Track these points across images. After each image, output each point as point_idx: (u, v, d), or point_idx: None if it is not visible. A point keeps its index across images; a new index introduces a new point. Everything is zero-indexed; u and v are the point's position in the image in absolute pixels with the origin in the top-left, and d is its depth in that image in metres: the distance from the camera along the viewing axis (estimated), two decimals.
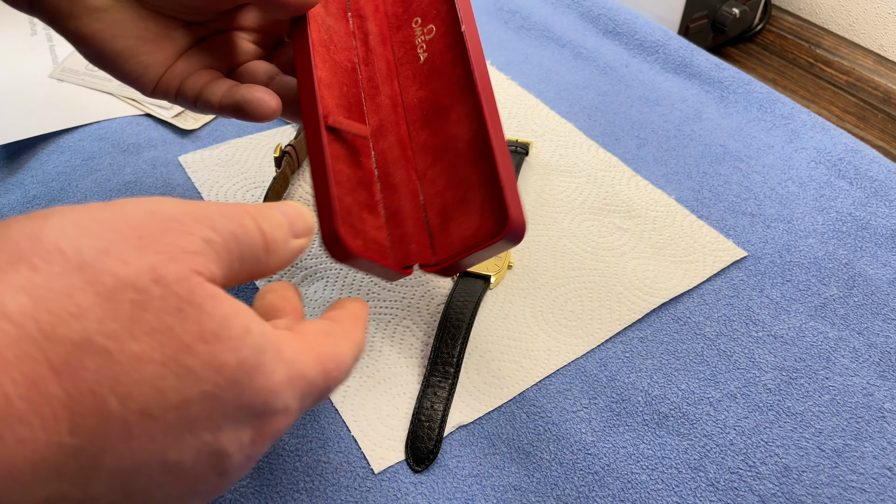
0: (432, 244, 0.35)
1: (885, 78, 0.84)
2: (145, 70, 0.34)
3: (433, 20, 0.38)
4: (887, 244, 0.49)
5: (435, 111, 0.37)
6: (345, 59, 0.38)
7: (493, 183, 0.33)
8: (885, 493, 0.36)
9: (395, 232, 0.35)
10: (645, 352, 0.42)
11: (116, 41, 0.33)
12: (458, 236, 0.34)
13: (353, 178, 0.35)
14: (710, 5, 0.89)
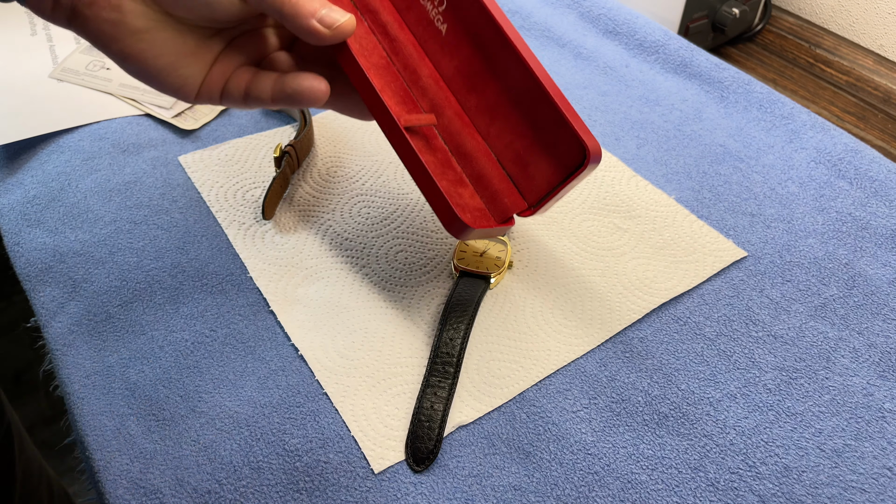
0: (521, 191, 0.39)
1: (885, 78, 0.84)
2: (186, 81, 0.36)
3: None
4: (887, 244, 0.48)
5: (475, 74, 0.40)
6: (379, 59, 0.40)
7: (556, 119, 0.37)
8: (885, 493, 0.36)
9: (485, 194, 0.40)
10: (645, 352, 0.42)
11: (158, 59, 0.35)
12: (542, 177, 0.38)
13: (438, 163, 0.39)
14: (710, 5, 0.89)
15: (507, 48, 0.38)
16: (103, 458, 0.37)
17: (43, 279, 0.46)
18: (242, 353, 0.41)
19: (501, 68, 0.39)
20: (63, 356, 0.41)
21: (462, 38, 0.40)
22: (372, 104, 0.37)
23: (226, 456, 0.37)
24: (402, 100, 0.40)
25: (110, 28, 0.33)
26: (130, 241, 0.48)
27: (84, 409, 0.39)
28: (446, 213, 0.36)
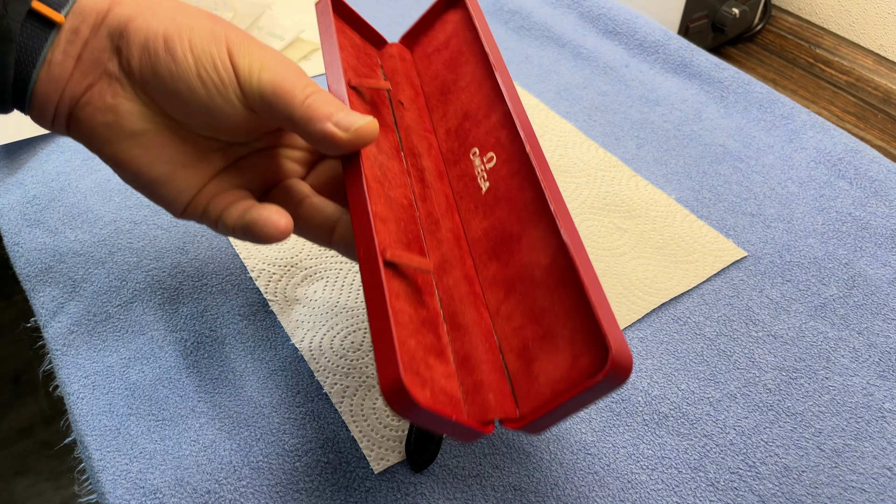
0: (514, 392, 0.29)
1: (885, 78, 0.84)
2: (179, 195, 0.33)
3: (493, 148, 0.35)
4: (887, 244, 0.48)
5: (503, 240, 0.33)
6: (400, 196, 0.34)
7: (583, 311, 0.28)
8: (885, 493, 0.36)
9: (468, 380, 0.30)
10: (645, 352, 0.42)
11: (154, 167, 0.32)
12: (547, 380, 0.28)
13: (417, 319, 0.30)
14: (710, 5, 0.89)
15: (546, 218, 0.31)
16: (103, 457, 0.37)
17: (43, 279, 0.46)
18: (242, 353, 0.41)
19: (534, 238, 0.32)
20: (63, 356, 0.41)
21: (501, 199, 0.34)
22: (358, 226, 0.30)
23: (226, 456, 0.37)
24: (406, 241, 0.32)
25: (104, 131, 0.31)
26: (130, 241, 0.48)
27: (84, 408, 0.39)
28: (387, 369, 0.25)
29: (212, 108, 0.31)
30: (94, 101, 0.31)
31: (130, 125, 0.31)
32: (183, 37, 0.30)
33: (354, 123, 0.31)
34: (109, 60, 0.31)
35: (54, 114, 0.31)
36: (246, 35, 0.32)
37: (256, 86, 0.31)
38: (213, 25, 0.31)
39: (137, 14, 0.31)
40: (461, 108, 0.38)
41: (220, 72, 0.31)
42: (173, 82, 0.30)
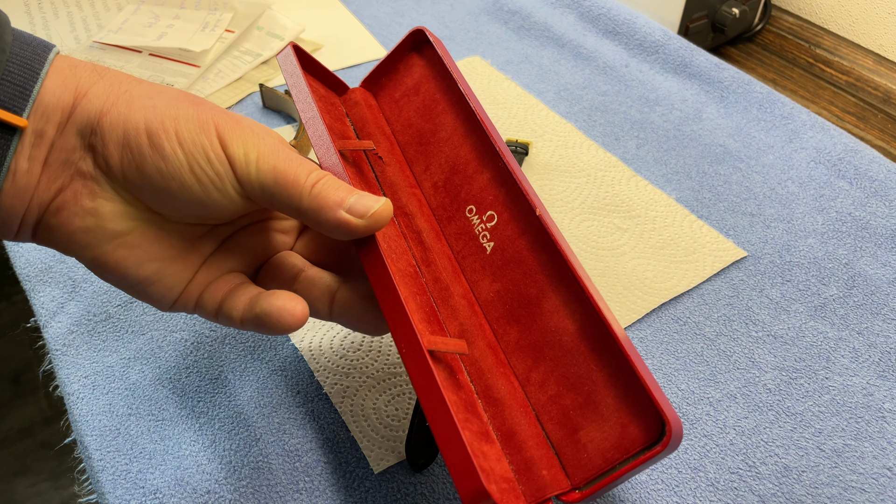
0: (564, 466, 0.29)
1: (885, 78, 0.84)
2: (168, 291, 0.31)
3: (492, 206, 0.34)
4: (887, 244, 0.48)
5: (521, 304, 0.32)
6: (406, 266, 0.33)
7: (626, 378, 0.28)
8: (885, 493, 0.36)
9: (516, 459, 0.29)
10: (645, 352, 0.42)
11: (142, 266, 0.29)
12: (596, 449, 0.28)
13: (460, 405, 0.29)
14: (710, 5, 0.89)
15: (567, 281, 0.31)
16: (103, 457, 0.37)
17: (43, 279, 0.46)
18: (242, 353, 0.41)
19: (556, 303, 0.31)
20: (63, 356, 0.41)
21: (511, 261, 0.33)
22: (393, 316, 0.28)
23: (226, 456, 0.37)
24: (426, 317, 0.31)
25: (83, 236, 0.28)
26: None
27: (84, 408, 0.39)
28: (468, 481, 0.25)
29: (206, 203, 0.29)
30: (68, 205, 0.28)
31: (114, 226, 0.28)
32: (169, 130, 0.27)
33: (370, 209, 0.29)
34: (81, 160, 0.28)
35: (20, 225, 0.28)
36: (233, 118, 0.29)
37: (255, 177, 0.28)
38: (198, 112, 0.28)
39: (110, 107, 0.28)
40: (446, 161, 0.36)
41: (215, 165, 0.28)
42: (164, 181, 0.28)
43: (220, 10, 0.67)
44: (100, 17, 0.67)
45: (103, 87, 0.28)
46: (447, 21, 0.72)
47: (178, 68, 0.60)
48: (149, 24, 0.65)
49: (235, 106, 0.59)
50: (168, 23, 0.65)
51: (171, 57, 0.62)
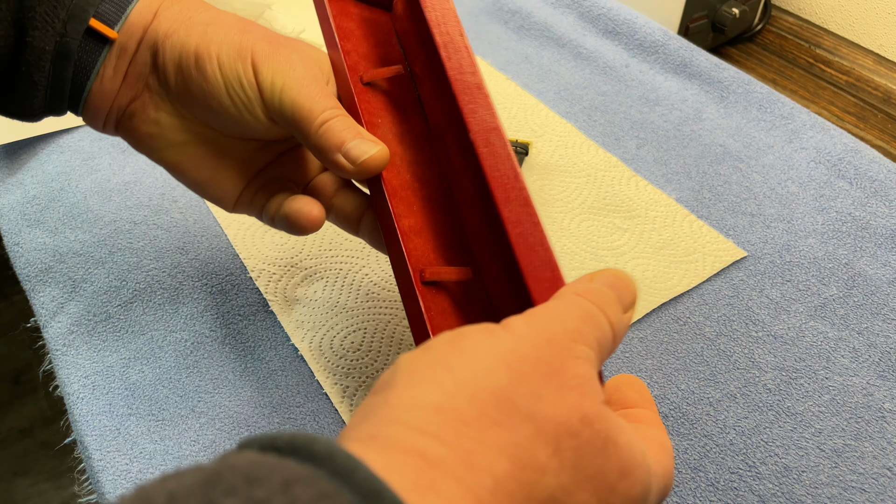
0: None
1: (885, 78, 0.84)
2: (226, 194, 0.35)
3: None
4: (887, 244, 0.48)
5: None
6: (434, 191, 0.33)
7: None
8: (885, 493, 0.36)
9: None
10: (645, 352, 0.42)
11: (198, 171, 0.34)
12: None
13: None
14: (709, 5, 0.89)
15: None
16: (103, 457, 0.37)
17: (43, 279, 0.46)
18: (242, 353, 0.41)
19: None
20: (63, 356, 0.41)
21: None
22: (392, 248, 0.30)
23: None
24: (444, 244, 0.31)
25: (149, 140, 0.34)
26: (130, 241, 0.48)
27: (84, 409, 0.39)
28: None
29: (241, 122, 0.32)
30: (138, 113, 0.33)
31: (172, 136, 0.33)
32: (212, 54, 0.31)
33: (363, 155, 0.31)
34: (150, 75, 0.32)
35: (104, 121, 0.34)
36: (274, 43, 0.32)
37: (278, 106, 0.31)
38: (241, 37, 0.32)
39: (174, 31, 0.31)
40: None
41: (247, 90, 0.31)
42: (205, 99, 0.32)
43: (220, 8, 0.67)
44: None
45: (173, 10, 0.32)
46: None
47: None
48: None
49: None
50: None
51: None
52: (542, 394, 0.19)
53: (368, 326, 0.43)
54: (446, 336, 0.21)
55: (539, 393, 0.19)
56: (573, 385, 0.20)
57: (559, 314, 0.22)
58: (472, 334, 0.21)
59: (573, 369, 0.21)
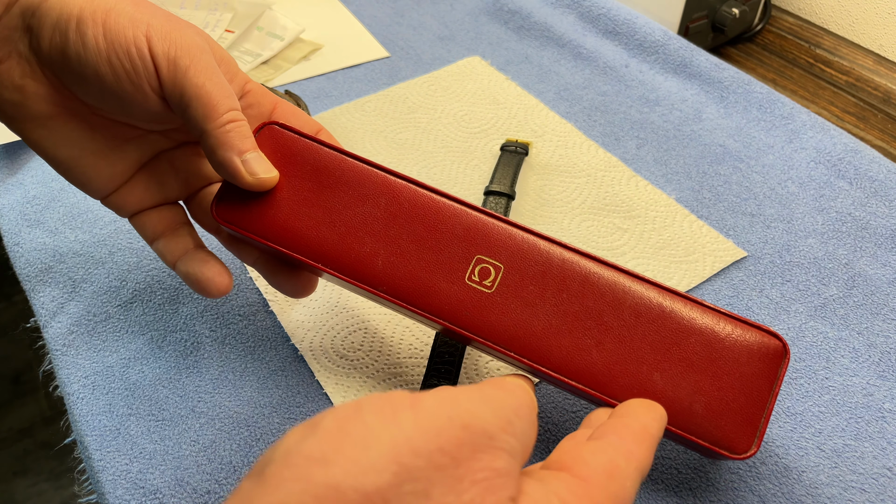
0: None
1: (885, 78, 0.84)
2: (90, 181, 0.33)
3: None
4: (887, 244, 0.48)
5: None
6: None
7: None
8: (885, 493, 0.36)
9: None
10: None
11: (59, 150, 0.32)
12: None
13: None
14: (709, 5, 0.89)
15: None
16: (103, 457, 0.37)
17: (43, 279, 0.46)
18: (242, 353, 0.41)
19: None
20: (63, 356, 0.41)
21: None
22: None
23: (226, 456, 0.37)
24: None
25: (10, 108, 0.31)
26: (130, 241, 0.48)
27: (84, 409, 0.39)
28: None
29: (121, 96, 0.30)
30: (2, 78, 0.30)
31: (36, 107, 0.31)
32: (97, 19, 0.29)
33: (262, 173, 0.31)
34: (20, 40, 0.30)
35: None
36: (176, 24, 0.30)
37: (179, 84, 0.29)
38: (135, 10, 0.30)
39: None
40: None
41: (135, 60, 0.29)
42: (80, 66, 0.29)
43: (220, 10, 0.67)
44: None
45: None
46: (447, 21, 0.72)
47: None
48: None
49: None
50: None
51: None
52: (431, 492, 0.17)
53: (368, 326, 0.43)
54: (342, 411, 0.19)
55: (428, 492, 0.17)
56: (478, 479, 0.18)
57: (491, 399, 0.20)
58: (368, 415, 0.19)
59: (485, 461, 0.19)
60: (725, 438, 0.31)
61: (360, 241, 0.33)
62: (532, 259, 0.33)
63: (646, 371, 0.32)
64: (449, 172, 0.53)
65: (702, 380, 0.31)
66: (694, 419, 0.31)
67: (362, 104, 0.59)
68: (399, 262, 0.33)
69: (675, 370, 0.31)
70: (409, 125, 0.57)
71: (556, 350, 0.32)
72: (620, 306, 0.32)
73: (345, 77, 0.63)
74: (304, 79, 0.62)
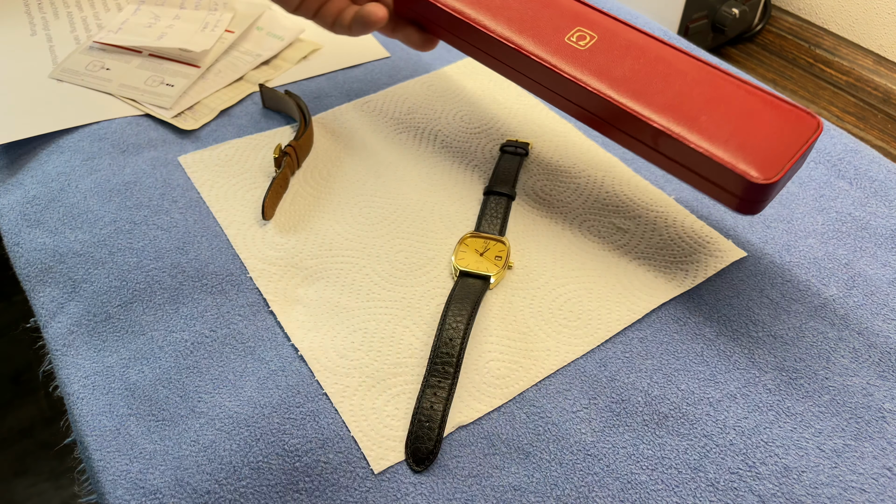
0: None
1: (884, 78, 0.84)
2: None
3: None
4: (887, 244, 0.48)
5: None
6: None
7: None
8: (885, 493, 0.36)
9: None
10: (645, 352, 0.42)
11: None
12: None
13: None
14: (710, 5, 0.89)
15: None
16: (103, 458, 0.37)
17: (43, 279, 0.46)
18: (242, 353, 0.41)
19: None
20: (63, 356, 0.41)
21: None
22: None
23: (226, 456, 0.37)
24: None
25: None
26: (130, 242, 0.48)
27: (84, 409, 0.39)
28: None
29: None
30: None
31: None
32: None
33: None
34: None
35: None
36: None
37: None
38: None
39: None
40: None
41: None
42: None
43: (220, 10, 0.67)
44: (100, 17, 0.67)
45: None
46: None
47: (178, 69, 0.60)
48: (149, 24, 0.65)
49: (235, 106, 0.59)
50: (168, 23, 0.65)
51: (172, 57, 0.61)
52: None
53: (368, 326, 0.43)
54: None
55: None
56: None
57: None
58: None
59: None
60: (752, 166, 0.38)
61: (491, 9, 0.47)
62: (620, 36, 0.45)
63: (695, 111, 0.41)
64: (449, 172, 0.53)
65: (740, 127, 0.40)
66: (728, 150, 0.39)
67: (362, 104, 0.59)
68: (512, 23, 0.47)
69: (719, 115, 0.40)
70: (409, 125, 0.57)
71: (625, 88, 0.42)
72: (683, 73, 0.43)
73: (345, 77, 0.63)
74: (304, 79, 0.62)
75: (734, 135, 0.39)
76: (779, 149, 0.38)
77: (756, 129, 0.39)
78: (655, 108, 0.41)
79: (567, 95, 0.44)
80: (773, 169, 0.38)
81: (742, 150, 0.39)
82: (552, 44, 0.45)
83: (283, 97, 0.57)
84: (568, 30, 0.45)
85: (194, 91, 0.59)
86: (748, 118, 0.40)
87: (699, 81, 0.42)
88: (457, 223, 0.49)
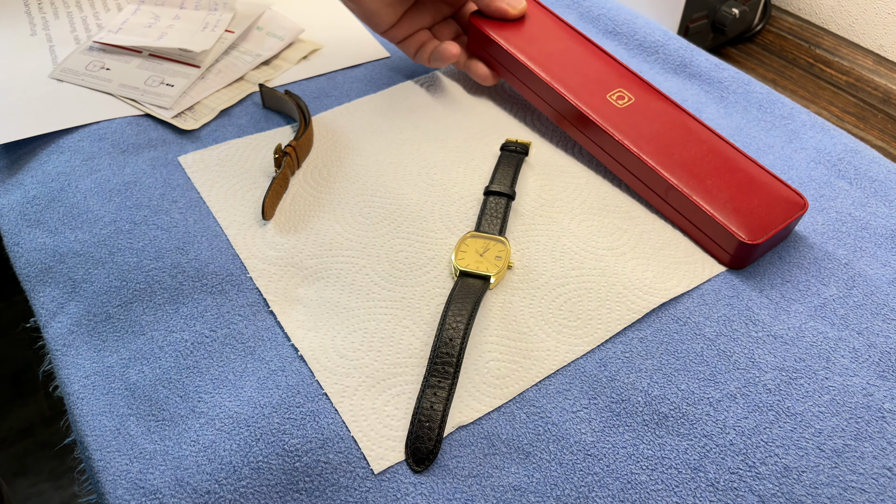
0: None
1: (884, 78, 0.84)
2: (381, 21, 0.56)
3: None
4: (887, 244, 0.48)
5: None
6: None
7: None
8: (885, 493, 0.36)
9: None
10: (645, 352, 0.42)
11: (371, 4, 0.54)
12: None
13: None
14: (709, 5, 0.89)
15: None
16: (103, 458, 0.37)
17: (43, 279, 0.46)
18: (242, 353, 0.41)
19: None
20: (63, 356, 0.41)
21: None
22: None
23: (226, 456, 0.37)
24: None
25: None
26: (130, 242, 0.48)
27: (84, 409, 0.39)
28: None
29: None
30: None
31: None
32: None
33: (518, 7, 0.57)
34: None
35: None
36: None
37: None
38: None
39: None
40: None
41: None
42: None
43: (220, 10, 0.67)
44: (100, 17, 0.67)
45: None
46: None
47: (178, 69, 0.60)
48: (149, 24, 0.65)
49: (235, 106, 0.59)
50: (168, 23, 0.65)
51: (172, 57, 0.62)
52: None
53: (368, 326, 0.43)
54: None
55: None
56: None
57: None
58: None
59: None
60: (742, 228, 0.45)
61: (548, 60, 0.55)
62: (654, 101, 0.53)
63: (704, 175, 0.48)
64: (449, 172, 0.53)
65: (739, 194, 0.47)
66: (725, 211, 0.46)
67: (362, 104, 0.59)
68: (565, 74, 0.54)
69: (723, 182, 0.47)
70: (409, 125, 0.57)
71: (645, 145, 0.49)
72: (700, 142, 0.50)
73: (345, 77, 0.63)
74: (304, 79, 0.62)
75: (732, 200, 0.46)
76: (767, 218, 0.45)
77: (752, 198, 0.46)
78: (671, 167, 0.48)
79: (599, 143, 0.51)
80: (759, 234, 0.44)
81: (736, 213, 0.45)
82: (595, 98, 0.52)
83: (283, 97, 0.57)
84: (611, 88, 0.53)
85: (194, 91, 0.59)
86: (747, 188, 0.47)
87: (712, 151, 0.49)
88: (457, 223, 0.49)
